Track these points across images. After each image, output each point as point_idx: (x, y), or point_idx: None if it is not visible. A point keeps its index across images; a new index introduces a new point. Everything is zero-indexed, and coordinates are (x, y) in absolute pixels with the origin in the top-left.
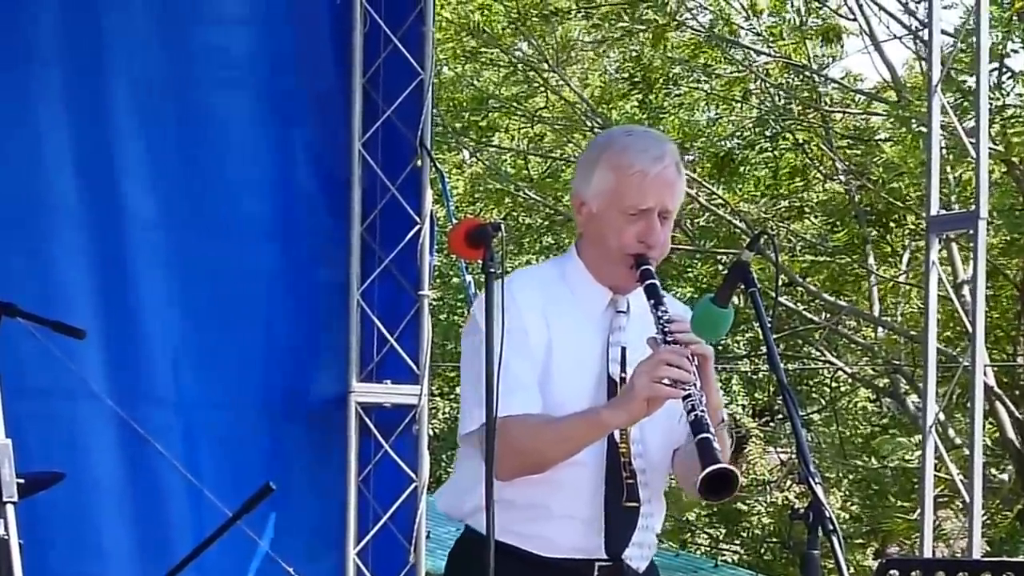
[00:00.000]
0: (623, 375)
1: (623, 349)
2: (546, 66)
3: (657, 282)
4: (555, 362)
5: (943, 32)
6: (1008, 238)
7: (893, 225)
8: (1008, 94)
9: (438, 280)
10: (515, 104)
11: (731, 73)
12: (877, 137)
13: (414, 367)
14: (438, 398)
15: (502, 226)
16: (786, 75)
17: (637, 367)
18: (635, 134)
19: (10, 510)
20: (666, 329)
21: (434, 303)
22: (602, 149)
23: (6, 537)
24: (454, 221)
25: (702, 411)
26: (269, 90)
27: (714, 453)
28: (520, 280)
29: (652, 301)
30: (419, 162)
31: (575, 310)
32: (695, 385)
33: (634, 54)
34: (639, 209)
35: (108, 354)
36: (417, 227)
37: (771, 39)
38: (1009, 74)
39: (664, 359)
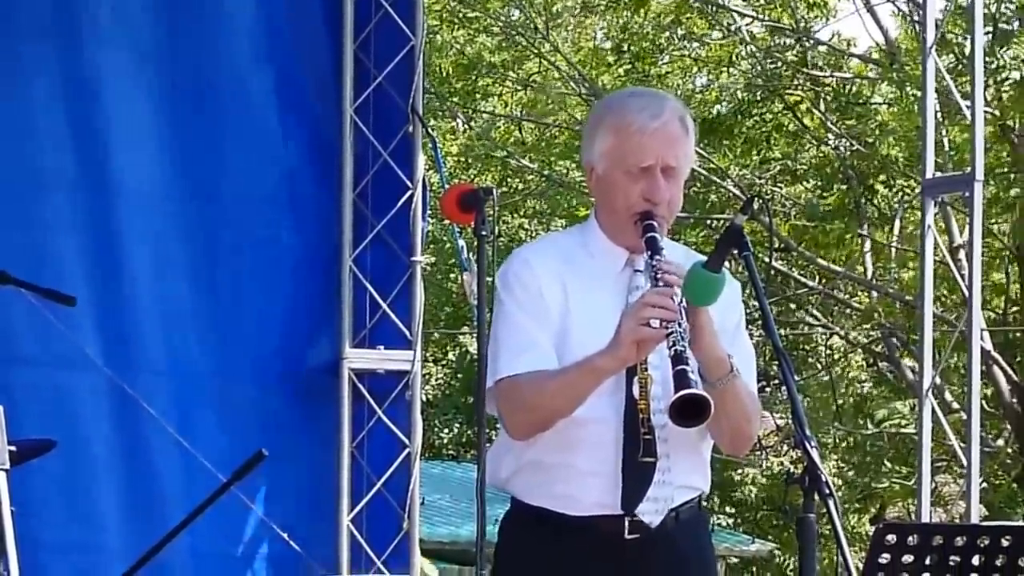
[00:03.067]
0: None
1: None
2: (536, 31)
3: (657, 235)
4: (573, 324)
5: None
6: (995, 193)
7: (881, 188)
8: (1002, 58)
9: (431, 246)
10: (507, 69)
11: (717, 39)
12: (872, 101)
13: (407, 333)
14: (431, 364)
15: (494, 191)
16: (774, 38)
17: (624, 311)
18: (635, 94)
19: (1, 477)
20: (657, 276)
21: (427, 269)
22: (604, 113)
23: None
24: (446, 187)
25: (682, 347)
26: (261, 57)
27: (688, 381)
28: (537, 245)
29: (650, 252)
30: (411, 128)
31: (593, 273)
32: (679, 323)
33: (621, 21)
34: (640, 167)
35: (100, 322)
36: (409, 193)
37: (758, 2)
38: (1001, 37)
39: (648, 301)
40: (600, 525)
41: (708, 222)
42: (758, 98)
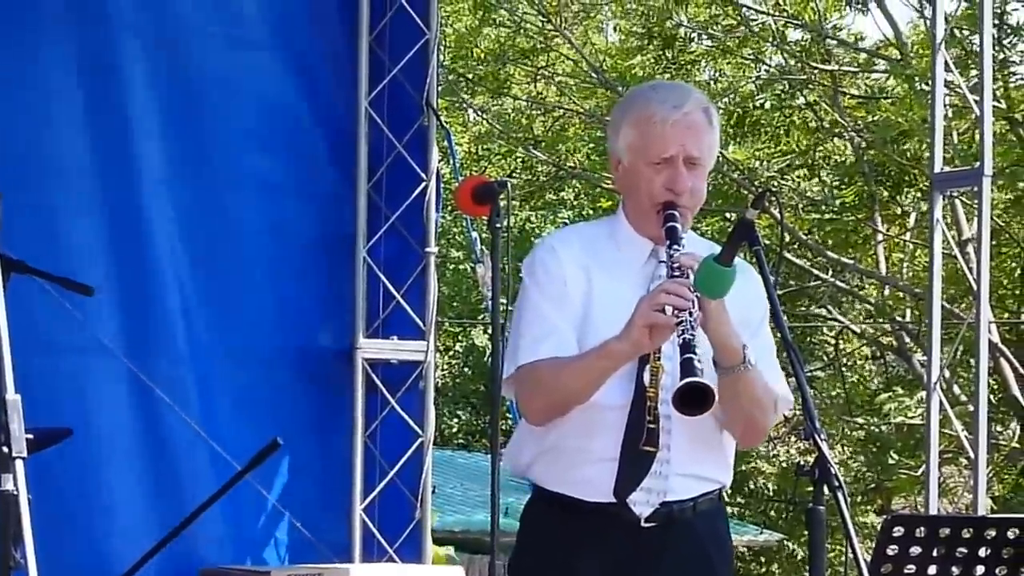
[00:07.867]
0: None
1: None
2: (551, 25)
3: (677, 225)
4: (596, 314)
5: None
6: (1011, 197)
7: (904, 186)
8: (1011, 49)
9: (443, 238)
10: (522, 60)
11: (743, 32)
12: (882, 96)
13: (420, 323)
14: (440, 352)
15: (508, 183)
16: (791, 32)
17: (642, 297)
18: (659, 87)
19: (19, 465)
20: (674, 266)
21: (439, 260)
22: (628, 106)
23: (15, 492)
24: (459, 179)
25: (691, 335)
26: (278, 48)
27: (693, 370)
28: (563, 233)
29: (668, 241)
30: (425, 121)
31: (617, 264)
32: (690, 312)
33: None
34: (662, 158)
35: (119, 309)
36: (423, 184)
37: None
38: (1009, 31)
39: (664, 288)
40: (618, 511)
41: (725, 214)
42: (778, 92)
